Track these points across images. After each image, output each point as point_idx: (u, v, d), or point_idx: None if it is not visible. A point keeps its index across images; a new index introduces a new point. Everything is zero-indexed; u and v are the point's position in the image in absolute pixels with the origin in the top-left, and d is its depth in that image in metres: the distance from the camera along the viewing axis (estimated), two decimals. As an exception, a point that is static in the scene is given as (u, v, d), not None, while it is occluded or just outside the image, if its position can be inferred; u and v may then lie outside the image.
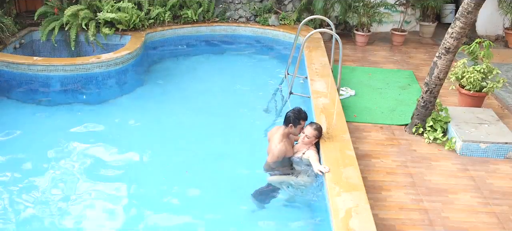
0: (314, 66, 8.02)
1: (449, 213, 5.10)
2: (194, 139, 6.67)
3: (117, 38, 9.19)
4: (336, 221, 4.35)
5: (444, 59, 6.22)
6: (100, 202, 5.50)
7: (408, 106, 7.38)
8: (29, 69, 7.69)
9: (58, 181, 5.79)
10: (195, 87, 8.17)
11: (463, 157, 6.16)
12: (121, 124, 7.09)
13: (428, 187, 5.53)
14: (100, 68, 7.85)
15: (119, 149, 6.44)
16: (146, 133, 6.83)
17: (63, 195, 5.56)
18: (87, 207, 5.40)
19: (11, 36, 8.65)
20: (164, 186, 5.75)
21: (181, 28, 9.85)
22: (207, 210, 5.36)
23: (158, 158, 6.28)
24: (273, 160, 5.40)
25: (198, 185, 5.76)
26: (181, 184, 5.75)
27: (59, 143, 6.48)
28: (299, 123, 5.49)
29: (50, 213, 5.27)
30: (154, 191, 5.65)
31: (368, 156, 6.11)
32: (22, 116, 7.17)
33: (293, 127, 5.47)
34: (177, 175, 5.88)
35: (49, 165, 6.00)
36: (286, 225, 5.10)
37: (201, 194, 5.64)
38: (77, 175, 5.89)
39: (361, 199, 4.67)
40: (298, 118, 5.49)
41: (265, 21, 10.14)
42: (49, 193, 5.57)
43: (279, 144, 5.38)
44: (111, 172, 6.00)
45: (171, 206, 5.42)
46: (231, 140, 6.63)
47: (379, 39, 10.91)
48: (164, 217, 5.25)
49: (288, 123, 5.48)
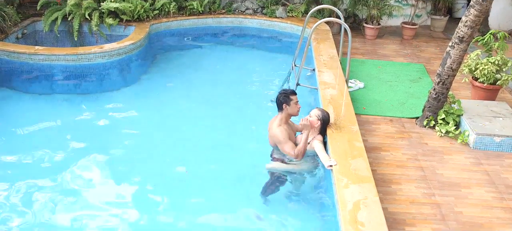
0: (322, 57, 7.80)
1: (462, 207, 4.86)
2: (197, 130, 6.48)
3: (121, 29, 9.02)
4: (343, 213, 4.13)
5: (458, 49, 5.97)
6: (101, 190, 5.35)
7: (419, 100, 7.14)
8: (30, 58, 7.54)
9: (58, 170, 5.61)
10: (200, 78, 7.97)
11: (477, 151, 5.91)
12: (123, 114, 6.91)
13: (440, 181, 5.29)
14: (103, 58, 7.68)
15: (121, 139, 6.27)
16: (149, 124, 6.65)
17: (61, 185, 5.38)
18: (87, 196, 5.24)
19: (13, 25, 8.51)
20: (165, 176, 5.56)
21: (186, 20, 9.66)
22: (208, 202, 5.16)
23: (160, 148, 6.09)
24: (274, 141, 5.19)
25: (200, 176, 5.56)
26: (182, 176, 5.55)
27: (59, 133, 6.32)
28: (290, 99, 5.22)
29: (49, 201, 5.11)
30: (155, 180, 5.46)
31: (378, 148, 5.88)
32: (23, 105, 7.02)
33: (287, 106, 5.21)
34: (178, 166, 5.68)
35: (48, 155, 5.83)
36: (291, 219, 4.88)
37: (203, 185, 5.43)
38: (78, 164, 5.72)
39: (370, 191, 4.45)
40: (286, 95, 5.24)
41: (272, 13, 9.93)
42: (48, 182, 5.39)
43: (278, 128, 5.17)
44: (112, 161, 5.83)
45: (170, 197, 5.22)
46: (236, 131, 6.44)
47: (389, 33, 10.66)
48: (163, 207, 5.06)
49: (281, 104, 5.24)
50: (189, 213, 5.02)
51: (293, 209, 5.00)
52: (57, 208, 5.01)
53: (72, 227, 4.81)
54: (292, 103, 5.24)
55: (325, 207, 4.79)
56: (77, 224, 4.82)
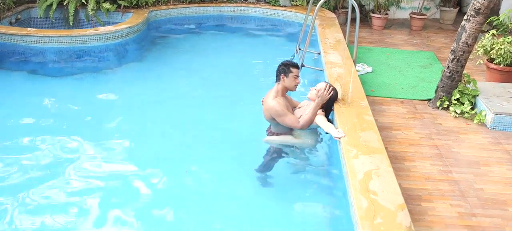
0: (328, 40, 7.43)
1: (482, 184, 4.44)
2: (196, 112, 6.07)
3: (118, 16, 8.68)
4: (353, 182, 3.71)
5: (474, 22, 5.59)
6: (93, 170, 4.91)
7: (431, 84, 6.74)
8: (22, 40, 7.19)
9: (47, 153, 5.20)
10: (200, 62, 7.59)
11: (495, 131, 5.50)
12: (118, 97, 6.51)
13: (457, 158, 4.88)
14: (97, 41, 7.33)
15: (115, 121, 5.87)
16: (144, 106, 6.24)
17: (50, 167, 4.95)
18: (77, 177, 4.80)
19: (6, 10, 8.18)
20: (161, 159, 5.13)
21: (187, 8, 9.32)
22: (209, 185, 4.72)
23: (157, 130, 5.69)
24: (270, 114, 4.73)
25: (199, 162, 5.11)
26: (179, 160, 5.12)
27: (46, 116, 5.91)
28: (290, 71, 4.74)
29: (37, 182, 4.68)
30: (151, 162, 5.04)
31: (388, 128, 5.47)
32: (12, 85, 6.64)
33: (285, 77, 4.74)
34: (174, 148, 5.27)
35: (36, 140, 5.42)
36: (293, 195, 4.45)
37: (202, 169, 4.99)
38: (67, 147, 5.32)
39: (382, 162, 4.04)
40: (286, 65, 4.77)
41: (276, 1, 9.58)
42: (35, 163, 4.98)
43: (274, 100, 4.71)
44: (104, 143, 5.41)
45: (167, 178, 4.79)
46: (235, 112, 6.04)
47: (396, 25, 10.28)
48: (162, 189, 4.61)
49: (279, 75, 4.78)
50: (183, 194, 4.61)
51: (296, 185, 4.57)
52: (41, 192, 4.58)
53: (63, 213, 4.39)
54: (291, 75, 4.75)
55: (332, 179, 4.39)
56: (69, 210, 4.37)
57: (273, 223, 4.14)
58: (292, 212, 4.31)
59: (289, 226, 4.09)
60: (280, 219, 4.18)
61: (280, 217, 4.20)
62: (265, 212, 4.28)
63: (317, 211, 4.29)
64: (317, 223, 4.12)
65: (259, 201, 4.42)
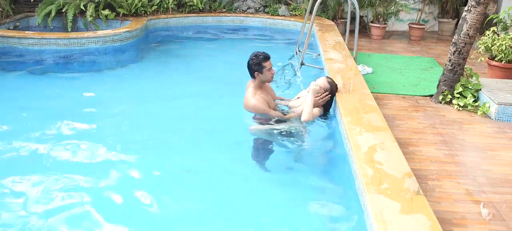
0: (328, 42, 7.40)
1: (490, 166, 4.31)
2: (192, 111, 5.93)
3: (117, 24, 8.66)
4: (358, 154, 3.59)
5: (475, 13, 5.54)
6: (89, 170, 4.69)
7: (432, 83, 6.67)
8: (19, 43, 7.13)
9: (44, 152, 5.02)
10: (199, 66, 7.50)
11: (499, 122, 5.39)
12: (115, 98, 6.36)
13: (462, 144, 4.76)
14: (95, 43, 7.27)
15: (110, 120, 5.71)
16: (141, 108, 6.08)
17: (48, 165, 4.76)
18: (72, 177, 4.60)
19: (5, 17, 8.16)
20: (161, 159, 4.95)
21: (186, 17, 9.32)
22: (209, 183, 4.53)
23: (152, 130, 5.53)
24: (248, 109, 4.68)
25: (196, 159, 4.93)
26: (179, 160, 4.94)
27: (43, 116, 5.76)
28: (262, 66, 4.65)
29: (31, 182, 4.50)
30: (151, 162, 4.85)
31: (391, 118, 5.36)
32: (7, 84, 6.54)
33: (259, 74, 4.66)
34: (173, 148, 5.10)
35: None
36: (292, 179, 4.29)
37: (200, 167, 4.80)
38: (62, 145, 5.16)
39: (387, 137, 3.94)
40: (258, 62, 4.66)
41: (275, 11, 9.60)
42: (32, 161, 4.80)
43: (254, 98, 4.62)
44: (99, 142, 5.23)
45: (167, 178, 4.60)
46: (233, 113, 5.89)
47: (396, 35, 10.28)
48: (157, 186, 4.42)
49: (253, 73, 4.70)
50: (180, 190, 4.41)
51: (294, 169, 4.40)
52: (35, 192, 4.39)
53: (62, 211, 4.21)
54: (265, 70, 4.68)
55: (333, 160, 4.24)
56: (65, 212, 4.19)
57: (275, 213, 3.96)
58: (292, 200, 4.14)
59: (291, 215, 3.93)
60: (282, 208, 4.01)
61: (281, 206, 4.04)
62: (266, 203, 4.10)
63: (320, 197, 4.13)
64: (321, 207, 3.97)
65: (259, 191, 4.22)
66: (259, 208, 3.82)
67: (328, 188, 3.98)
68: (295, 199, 4.00)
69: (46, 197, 4.19)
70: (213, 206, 3.88)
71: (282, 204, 3.84)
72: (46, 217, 3.86)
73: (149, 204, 4.05)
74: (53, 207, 4.05)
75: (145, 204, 4.06)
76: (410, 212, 2.89)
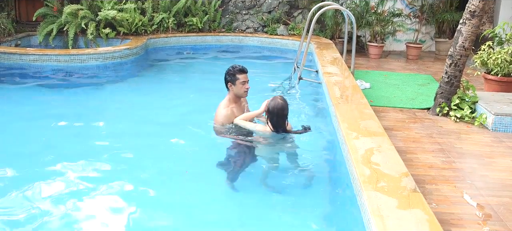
0: (326, 58, 7.48)
1: (487, 172, 4.33)
2: (192, 122, 5.96)
3: (117, 42, 8.77)
4: (355, 156, 3.61)
5: (469, 25, 5.63)
6: (90, 175, 4.73)
7: (429, 97, 6.71)
8: (20, 59, 7.21)
9: (42, 164, 5.04)
10: (196, 82, 7.57)
11: (496, 132, 5.43)
12: (114, 109, 6.43)
13: (460, 152, 4.79)
14: (96, 60, 7.35)
15: (111, 132, 5.73)
16: (141, 124, 6.10)
17: (49, 172, 4.78)
18: (76, 182, 4.61)
19: (7, 35, 8.26)
20: (160, 162, 4.97)
21: (185, 37, 9.44)
22: (206, 187, 4.53)
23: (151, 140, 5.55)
24: (217, 123, 4.52)
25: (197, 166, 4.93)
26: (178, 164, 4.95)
27: (42, 132, 5.78)
28: (236, 77, 4.47)
29: (31, 197, 4.50)
30: (149, 167, 4.87)
31: (389, 129, 5.39)
32: (10, 101, 6.58)
33: (233, 85, 4.51)
34: (172, 153, 5.12)
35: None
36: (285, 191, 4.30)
37: (200, 171, 4.80)
38: (64, 153, 5.17)
39: (384, 141, 3.96)
40: (232, 73, 4.49)
41: (274, 31, 9.72)
42: (31, 169, 4.81)
43: (224, 109, 4.52)
44: (100, 150, 5.26)
45: (167, 179, 4.62)
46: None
47: (393, 55, 10.38)
48: (162, 190, 4.44)
49: (227, 84, 4.58)
50: None
51: (292, 175, 4.39)
52: (35, 204, 4.39)
53: (63, 216, 4.21)
54: (238, 82, 4.49)
55: (331, 164, 4.26)
56: (66, 215, 4.19)
57: (275, 213, 3.97)
58: (290, 203, 4.15)
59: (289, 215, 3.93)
60: (282, 208, 4.02)
61: (281, 206, 4.04)
62: (266, 204, 4.12)
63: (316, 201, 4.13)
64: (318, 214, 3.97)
65: (250, 198, 4.21)
66: (258, 210, 3.84)
67: (326, 190, 4.00)
68: (293, 204, 4.01)
69: (46, 204, 4.20)
70: (213, 206, 3.90)
71: (282, 204, 3.87)
72: (46, 220, 3.88)
73: (149, 204, 4.08)
74: (52, 213, 4.06)
75: (145, 206, 4.08)
76: (407, 207, 2.90)
